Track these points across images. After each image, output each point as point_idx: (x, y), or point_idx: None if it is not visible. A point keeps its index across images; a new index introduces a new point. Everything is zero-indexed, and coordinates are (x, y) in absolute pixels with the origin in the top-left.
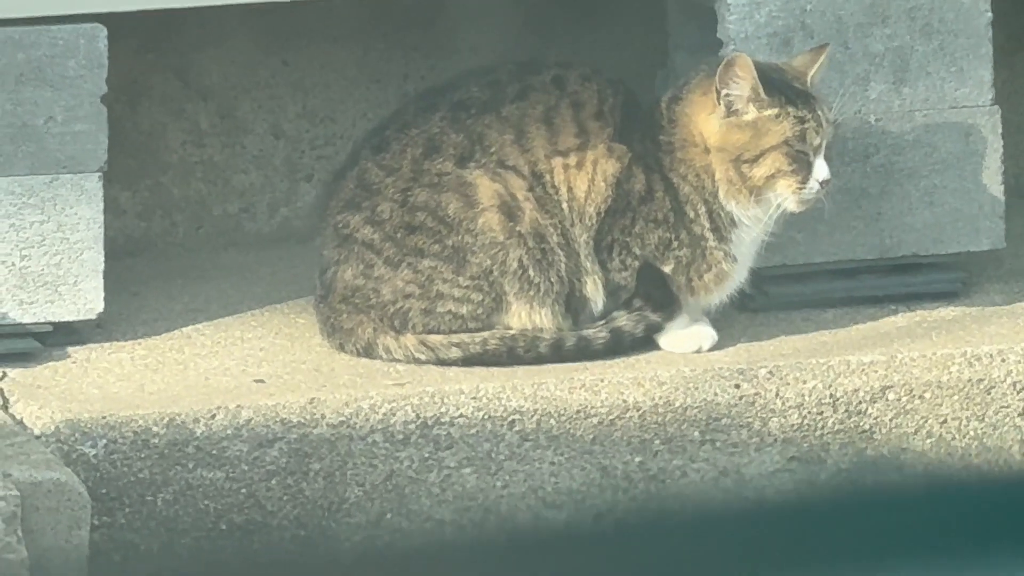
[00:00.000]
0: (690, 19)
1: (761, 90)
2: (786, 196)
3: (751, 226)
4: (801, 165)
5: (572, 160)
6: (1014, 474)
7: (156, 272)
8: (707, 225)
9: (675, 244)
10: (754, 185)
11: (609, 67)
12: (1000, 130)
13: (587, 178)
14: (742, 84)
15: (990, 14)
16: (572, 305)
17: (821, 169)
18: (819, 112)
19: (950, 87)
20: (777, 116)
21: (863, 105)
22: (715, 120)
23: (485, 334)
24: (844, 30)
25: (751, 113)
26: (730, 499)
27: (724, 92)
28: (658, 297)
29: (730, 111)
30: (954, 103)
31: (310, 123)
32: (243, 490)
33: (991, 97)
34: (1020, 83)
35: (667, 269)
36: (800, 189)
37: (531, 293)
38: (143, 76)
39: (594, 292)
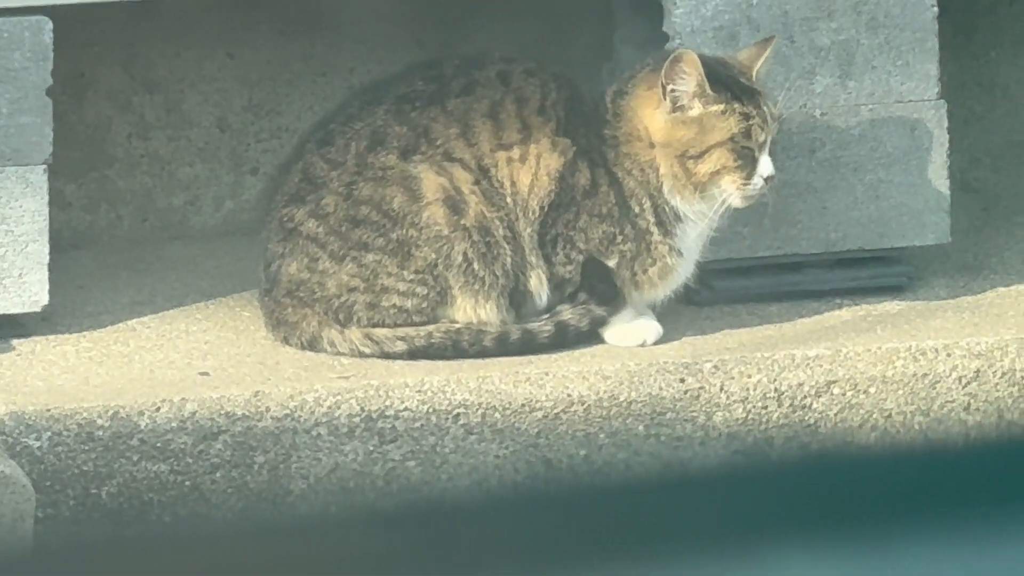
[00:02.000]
0: (636, 13)
1: (707, 86)
2: (731, 192)
3: (696, 221)
4: (746, 161)
5: (516, 154)
6: (957, 463)
7: (101, 265)
8: (652, 219)
9: (619, 238)
10: (699, 181)
11: (555, 60)
12: (946, 124)
13: (531, 172)
14: (688, 80)
15: (936, 8)
16: (517, 299)
17: (766, 165)
18: (764, 108)
19: (896, 81)
20: (723, 112)
21: (809, 99)
22: (660, 116)
23: (430, 327)
24: (790, 24)
25: (697, 109)
26: (673, 492)
27: (670, 88)
28: (603, 291)
29: (676, 107)
30: (900, 97)
31: (256, 116)
32: (187, 483)
33: (937, 91)
34: (966, 77)
35: (611, 263)
36: (745, 185)
37: (476, 287)
38: (89, 69)
39: (539, 286)
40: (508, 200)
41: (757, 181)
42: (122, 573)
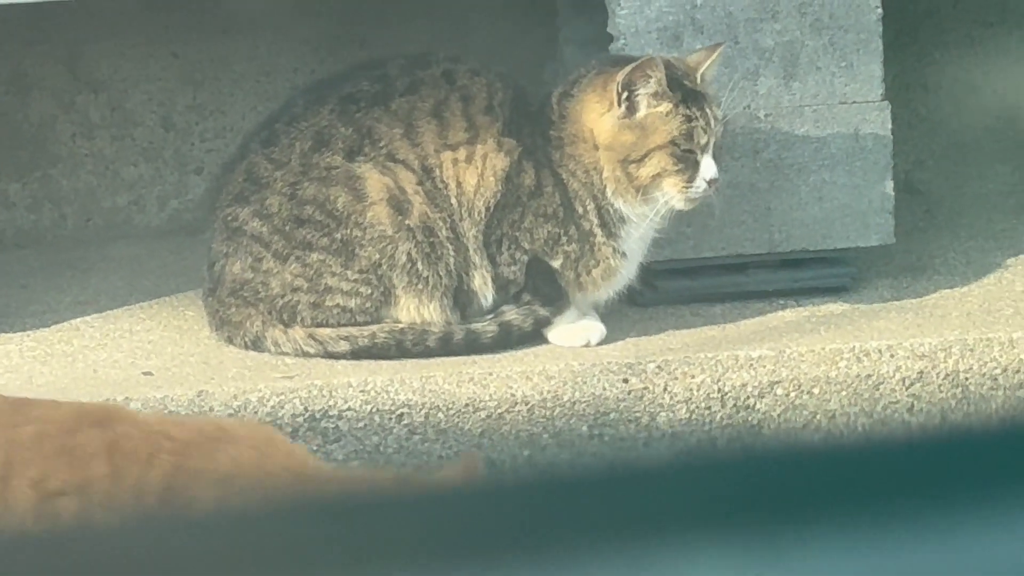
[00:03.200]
0: (580, 13)
1: (668, 88)
2: (672, 195)
3: (639, 223)
4: (687, 164)
5: (461, 154)
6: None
7: (45, 264)
8: (595, 221)
9: (564, 239)
10: (641, 184)
11: (498, 59)
12: (890, 126)
13: (476, 172)
14: (650, 84)
15: (880, 10)
16: (461, 299)
17: (708, 168)
18: (708, 110)
19: (840, 82)
20: (667, 114)
21: (752, 100)
22: (608, 119)
23: (374, 327)
24: (734, 25)
25: (642, 111)
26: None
27: (628, 93)
28: (547, 291)
29: (628, 113)
30: (844, 98)
31: (200, 116)
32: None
33: (881, 93)
34: (910, 79)
35: (556, 264)
36: (686, 188)
37: (420, 287)
38: (33, 68)
39: (483, 286)
40: (453, 200)
41: (700, 184)
42: (65, 572)
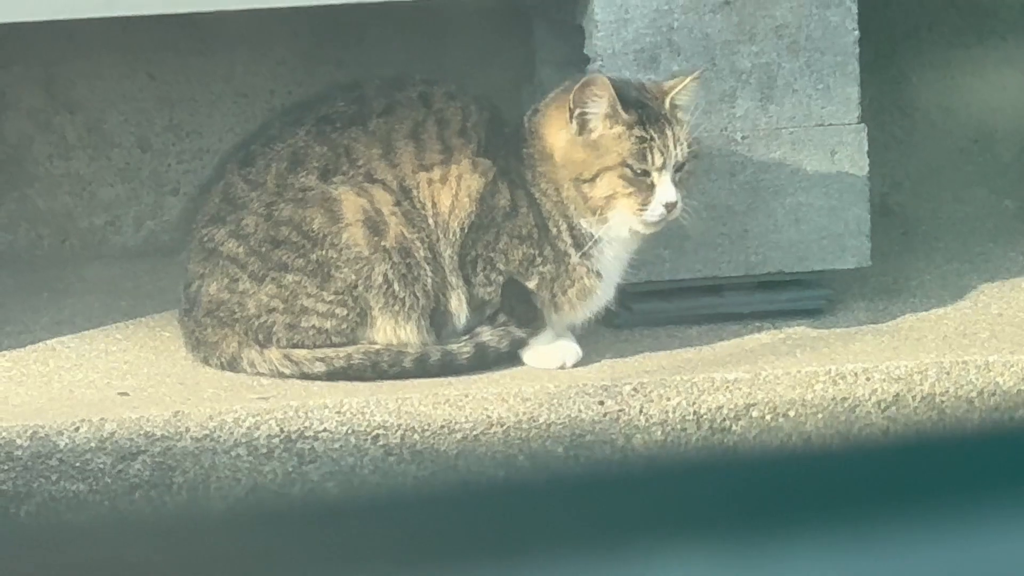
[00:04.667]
0: (556, 35)
1: (619, 107)
2: (627, 217)
3: (611, 243)
4: (641, 187)
5: (436, 175)
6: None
7: (21, 285)
8: (569, 241)
9: (539, 260)
10: (596, 205)
11: (475, 82)
12: (866, 148)
13: (451, 193)
14: (600, 102)
15: (857, 32)
16: (437, 320)
17: (666, 192)
18: (669, 133)
19: (817, 105)
20: (619, 136)
21: (729, 122)
22: (563, 135)
23: (350, 349)
24: (711, 47)
25: (597, 131)
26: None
27: (578, 111)
28: (522, 312)
29: (582, 130)
30: (820, 121)
31: (176, 136)
32: (106, 503)
33: (857, 115)
34: (886, 101)
35: (531, 285)
36: (641, 211)
37: (396, 308)
38: (9, 88)
39: (459, 307)
40: (429, 221)
41: (656, 208)
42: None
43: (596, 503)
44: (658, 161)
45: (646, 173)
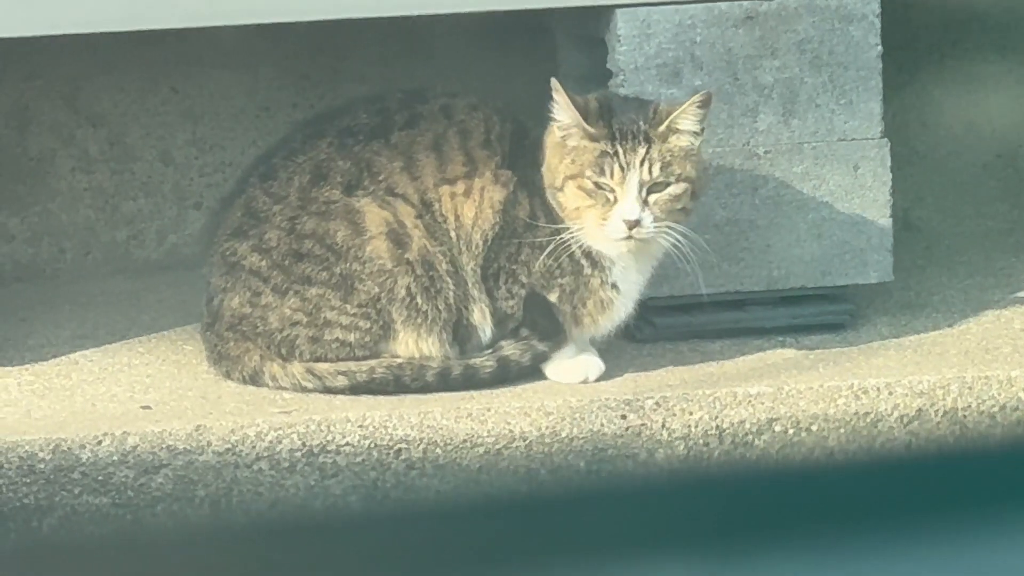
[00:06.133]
0: (580, 50)
1: (579, 115)
2: (593, 230)
3: (618, 257)
4: (601, 201)
5: (460, 188)
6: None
7: (44, 298)
8: (580, 251)
9: (558, 272)
10: (568, 216)
11: (500, 97)
12: (889, 163)
13: (474, 206)
14: (561, 111)
15: (880, 47)
16: (460, 333)
17: (626, 208)
18: (639, 151)
19: (839, 119)
20: (585, 148)
21: (752, 137)
22: (550, 142)
23: (372, 362)
24: (734, 62)
25: (573, 140)
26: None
27: (552, 116)
28: (545, 326)
29: (565, 139)
30: (843, 135)
31: (199, 150)
32: (129, 516)
33: (880, 130)
34: (909, 116)
35: (552, 297)
36: (602, 224)
37: (419, 321)
38: (32, 102)
39: (481, 320)
40: (452, 234)
41: (616, 223)
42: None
43: (618, 517)
44: (617, 175)
45: (607, 187)
